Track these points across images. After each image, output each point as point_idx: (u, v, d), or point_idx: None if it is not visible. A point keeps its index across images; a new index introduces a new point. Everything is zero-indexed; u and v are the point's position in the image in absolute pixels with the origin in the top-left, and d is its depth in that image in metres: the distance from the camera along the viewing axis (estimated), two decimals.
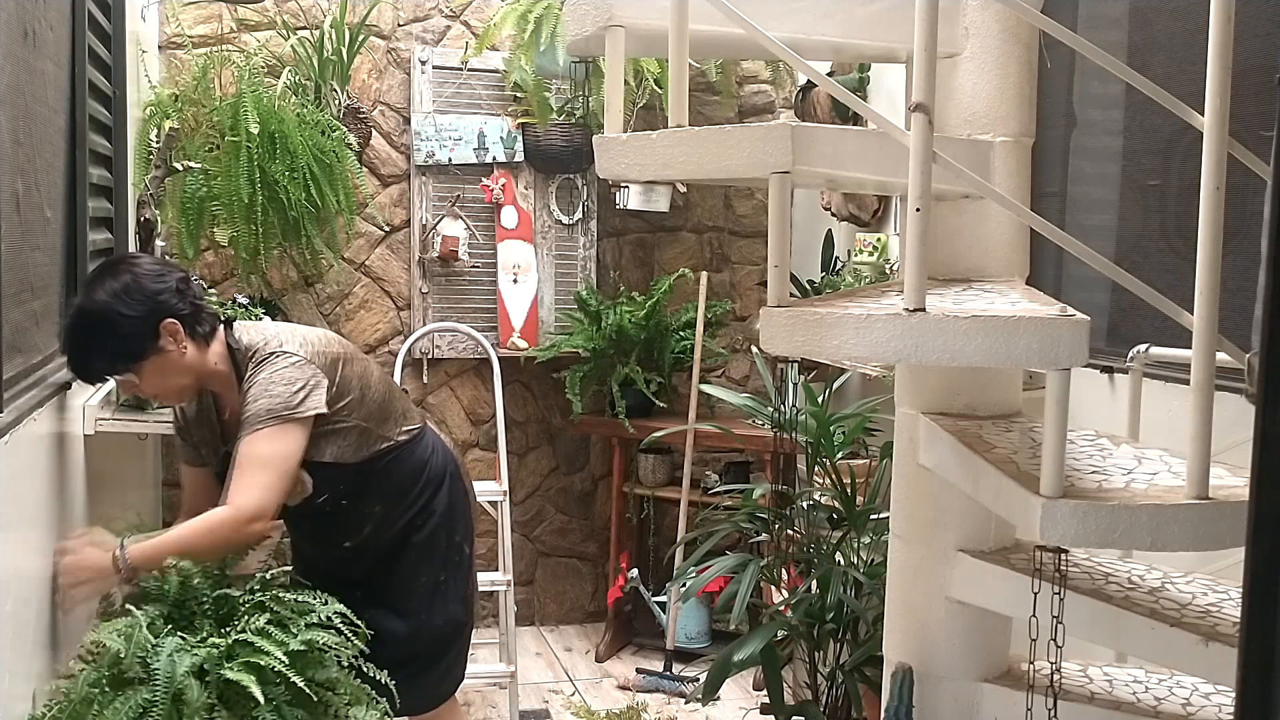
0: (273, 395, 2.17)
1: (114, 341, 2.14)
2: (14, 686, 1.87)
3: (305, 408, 2.19)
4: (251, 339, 2.27)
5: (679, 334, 4.32)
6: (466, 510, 2.59)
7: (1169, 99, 1.70)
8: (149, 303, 2.16)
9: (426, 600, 2.46)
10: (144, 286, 2.16)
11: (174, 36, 3.98)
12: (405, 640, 2.41)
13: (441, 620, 2.49)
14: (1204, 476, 1.59)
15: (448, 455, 2.57)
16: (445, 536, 2.51)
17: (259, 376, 2.20)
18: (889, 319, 1.63)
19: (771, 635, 2.61)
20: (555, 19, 3.96)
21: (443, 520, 2.50)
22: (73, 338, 2.16)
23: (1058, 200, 3.03)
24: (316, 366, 2.24)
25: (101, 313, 2.13)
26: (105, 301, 2.13)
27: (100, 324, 2.13)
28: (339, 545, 2.44)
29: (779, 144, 1.71)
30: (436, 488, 2.50)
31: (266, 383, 2.19)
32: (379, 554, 2.46)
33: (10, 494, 1.90)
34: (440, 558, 2.50)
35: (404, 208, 4.33)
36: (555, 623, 4.67)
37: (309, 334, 2.34)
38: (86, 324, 2.14)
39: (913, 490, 2.03)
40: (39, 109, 2.28)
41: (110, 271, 2.19)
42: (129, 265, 2.21)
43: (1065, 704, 1.81)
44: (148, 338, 2.16)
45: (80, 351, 2.17)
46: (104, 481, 2.75)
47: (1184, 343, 1.68)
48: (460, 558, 2.54)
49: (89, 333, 2.14)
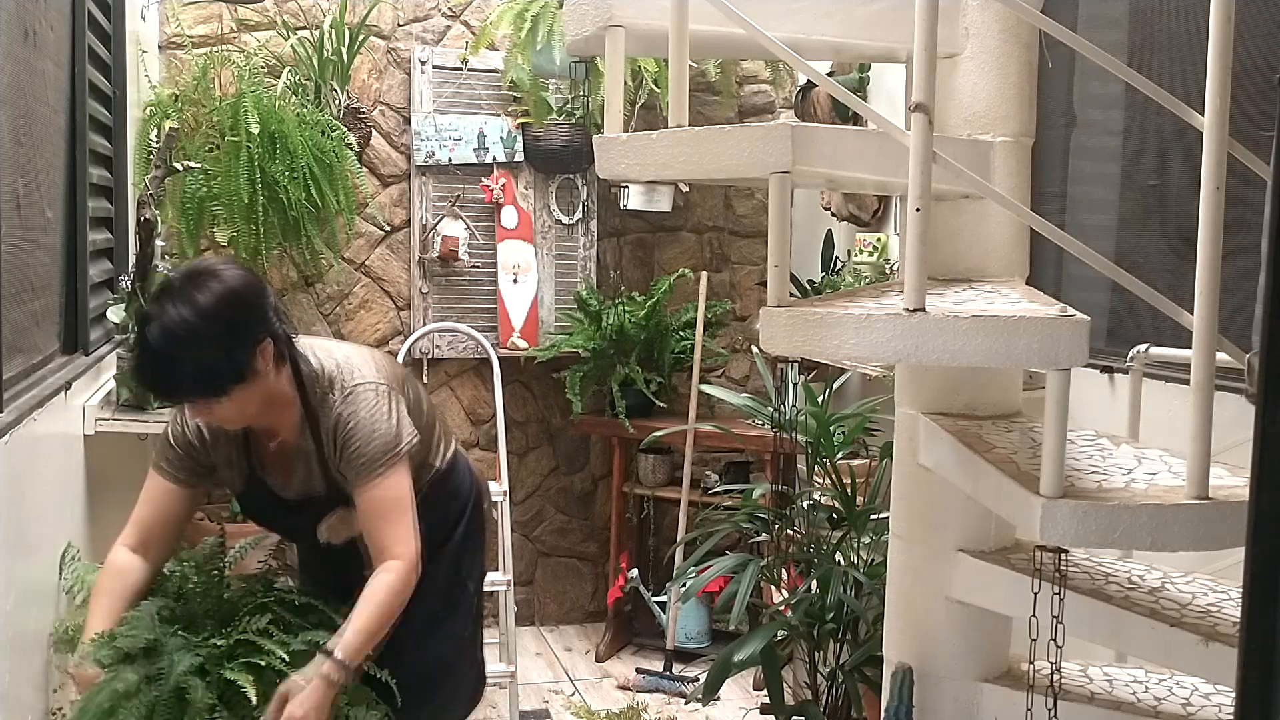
0: (382, 434, 2.04)
1: (215, 360, 1.92)
2: (13, 686, 1.87)
3: (406, 436, 2.09)
4: (322, 363, 2.09)
5: (679, 334, 4.32)
6: (479, 545, 2.43)
7: (1169, 99, 1.70)
8: (255, 318, 1.98)
9: (418, 633, 2.20)
10: (249, 298, 1.98)
11: (174, 36, 3.98)
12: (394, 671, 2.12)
13: (430, 657, 2.26)
14: (1204, 476, 1.59)
15: (474, 484, 2.42)
16: (451, 570, 2.34)
17: (358, 416, 2.04)
18: (889, 319, 1.63)
19: (771, 635, 2.61)
20: (552, 18, 3.96)
21: (453, 552, 2.34)
22: (164, 355, 1.90)
23: (1058, 200, 3.03)
24: (395, 390, 2.11)
25: (200, 327, 1.90)
26: (206, 313, 1.91)
27: (200, 341, 1.90)
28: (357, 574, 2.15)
29: (779, 144, 1.71)
30: (457, 521, 2.36)
31: (369, 423, 2.04)
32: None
33: (10, 494, 1.90)
34: (440, 591, 2.29)
35: (404, 208, 4.33)
36: (555, 623, 4.67)
37: (373, 355, 2.19)
38: (181, 341, 1.89)
39: (913, 490, 2.03)
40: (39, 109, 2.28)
41: (205, 277, 1.95)
42: (222, 273, 1.98)
43: (1065, 704, 1.81)
44: (249, 358, 1.96)
45: (170, 371, 1.92)
46: (104, 481, 2.76)
47: (1184, 343, 1.68)
48: (461, 594, 2.35)
49: (191, 345, 1.90)
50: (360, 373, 2.09)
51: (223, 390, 1.94)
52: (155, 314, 1.91)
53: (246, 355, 1.95)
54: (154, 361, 1.91)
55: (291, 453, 2.11)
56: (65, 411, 2.40)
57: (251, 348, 1.96)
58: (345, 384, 2.06)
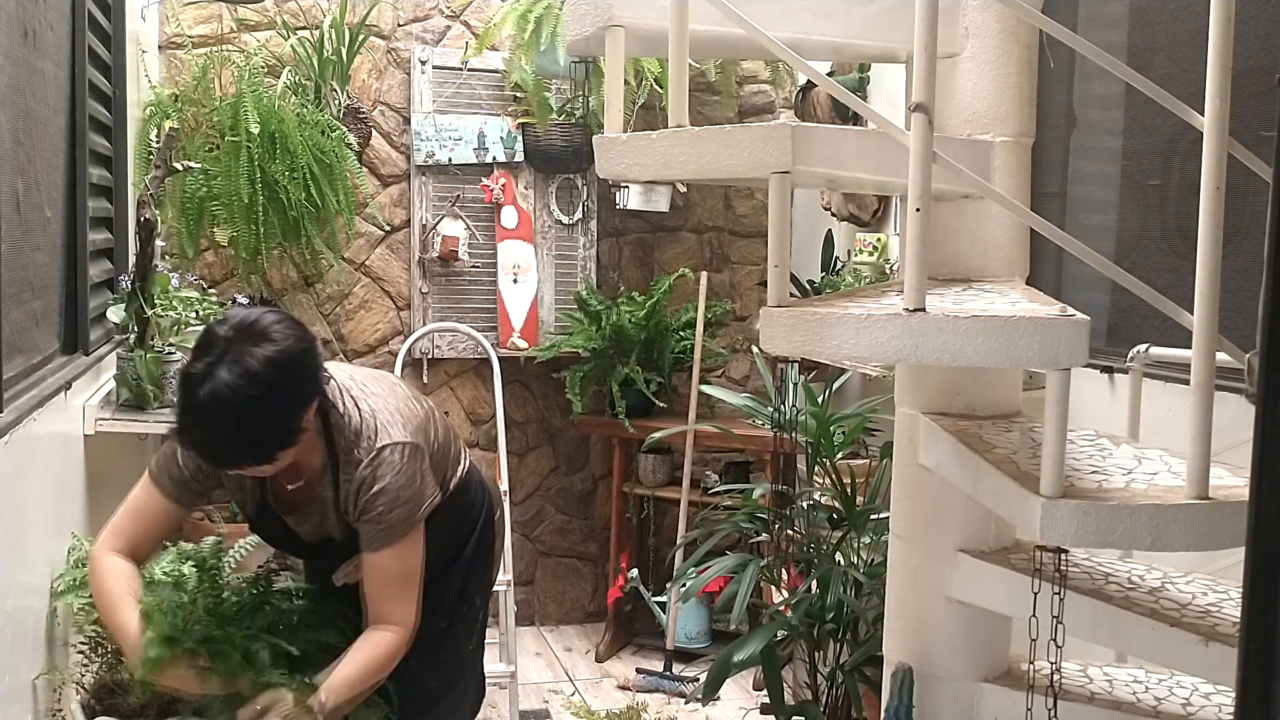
0: (404, 502, 1.98)
1: (271, 427, 1.85)
2: (14, 686, 1.87)
3: (427, 500, 2.04)
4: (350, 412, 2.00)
5: (679, 334, 4.32)
6: (489, 560, 2.39)
7: (1169, 99, 1.70)
8: (307, 382, 1.90)
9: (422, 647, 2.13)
10: (303, 364, 1.88)
11: (174, 36, 3.98)
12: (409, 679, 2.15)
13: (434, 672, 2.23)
14: (1204, 476, 1.59)
15: (486, 499, 2.38)
16: (459, 584, 2.30)
17: (383, 481, 1.96)
18: (889, 319, 1.63)
19: (771, 635, 2.61)
20: (555, 19, 3.96)
21: (463, 567, 2.31)
22: (222, 415, 1.79)
23: (1058, 200, 3.03)
24: (422, 444, 2.05)
25: (264, 392, 1.80)
26: (269, 379, 1.80)
27: (260, 405, 1.81)
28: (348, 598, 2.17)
29: (779, 144, 1.71)
30: (468, 537, 2.32)
31: (394, 490, 1.97)
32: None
33: (10, 494, 1.90)
34: (448, 606, 2.27)
35: (404, 208, 4.33)
36: (555, 623, 4.67)
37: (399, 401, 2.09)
38: (244, 403, 1.79)
39: (913, 490, 2.03)
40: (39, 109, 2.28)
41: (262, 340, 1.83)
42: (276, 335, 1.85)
43: (1065, 704, 1.81)
44: (300, 423, 1.88)
45: (224, 432, 1.82)
46: (104, 481, 2.76)
47: (1184, 343, 1.68)
48: (466, 610, 2.32)
49: (245, 412, 1.80)
50: (388, 431, 2.00)
51: (271, 458, 1.88)
52: (203, 375, 1.79)
53: (298, 421, 1.88)
54: (202, 426, 1.82)
55: (310, 497, 2.07)
56: (65, 411, 2.39)
57: (303, 411, 1.89)
58: (373, 443, 1.98)
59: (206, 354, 1.82)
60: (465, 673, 2.36)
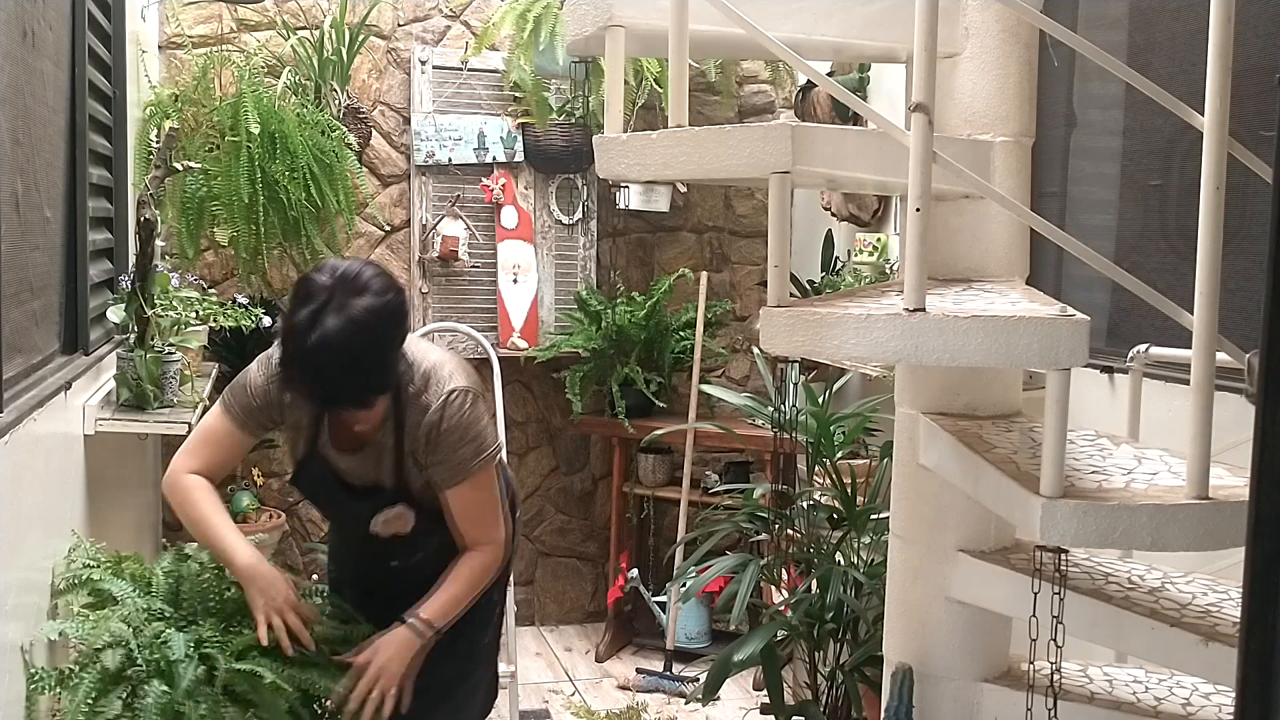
0: (473, 440, 2.11)
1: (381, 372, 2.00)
2: (13, 686, 1.87)
3: (492, 442, 2.17)
4: (415, 362, 2.12)
5: (679, 334, 4.32)
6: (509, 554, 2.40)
7: (1169, 99, 1.70)
8: (402, 329, 2.04)
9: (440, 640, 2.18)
10: (399, 311, 2.01)
11: (174, 36, 3.98)
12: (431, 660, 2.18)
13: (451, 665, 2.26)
14: (1204, 476, 1.59)
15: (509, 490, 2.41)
16: None
17: (453, 420, 2.09)
18: (889, 319, 1.63)
19: (771, 635, 2.61)
20: (554, 18, 3.96)
21: None
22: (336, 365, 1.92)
23: (1058, 200, 3.03)
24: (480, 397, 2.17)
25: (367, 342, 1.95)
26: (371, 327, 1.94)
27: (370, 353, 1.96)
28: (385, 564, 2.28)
29: (779, 144, 1.71)
30: None
31: (464, 428, 2.10)
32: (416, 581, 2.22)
33: (10, 494, 1.91)
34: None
35: (404, 208, 4.33)
36: (555, 623, 4.67)
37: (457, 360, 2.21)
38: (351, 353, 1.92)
39: (913, 490, 2.03)
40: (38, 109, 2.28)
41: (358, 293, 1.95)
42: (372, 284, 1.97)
43: (1065, 704, 1.81)
44: (396, 367, 2.05)
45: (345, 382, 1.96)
46: (104, 481, 2.76)
47: (1184, 343, 1.68)
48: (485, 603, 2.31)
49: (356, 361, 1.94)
50: (455, 378, 2.12)
51: (370, 402, 2.02)
52: (309, 322, 1.91)
53: (395, 367, 2.03)
54: (310, 371, 1.94)
55: (368, 442, 2.15)
56: (65, 411, 2.39)
57: (397, 358, 2.04)
58: (441, 388, 2.10)
59: (309, 302, 1.93)
60: (480, 665, 2.40)
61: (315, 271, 1.99)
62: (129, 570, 2.12)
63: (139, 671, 1.85)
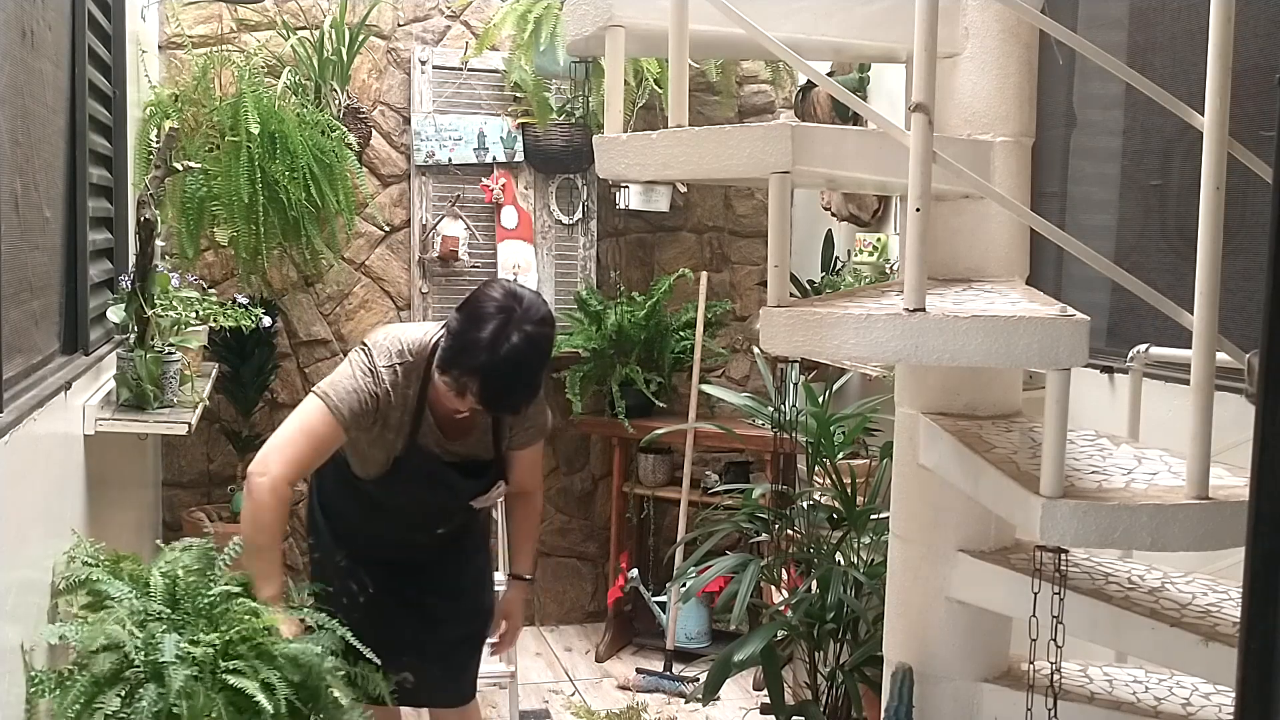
0: (548, 413, 2.53)
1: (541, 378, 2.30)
2: (13, 688, 1.87)
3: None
4: None
5: (679, 334, 4.32)
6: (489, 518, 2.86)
7: (1169, 99, 1.70)
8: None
9: (476, 585, 2.66)
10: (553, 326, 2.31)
11: (174, 36, 3.98)
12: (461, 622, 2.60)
13: (487, 604, 2.68)
14: (1204, 476, 1.59)
15: None
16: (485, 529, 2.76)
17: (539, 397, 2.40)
18: (889, 319, 1.63)
19: (771, 635, 2.61)
20: (555, 19, 3.96)
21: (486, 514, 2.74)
22: (543, 358, 2.24)
23: (1058, 200, 3.03)
24: None
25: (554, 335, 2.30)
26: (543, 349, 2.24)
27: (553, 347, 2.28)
28: (431, 532, 2.54)
29: (779, 144, 1.71)
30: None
31: (543, 401, 2.45)
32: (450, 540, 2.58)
33: (10, 494, 1.91)
34: (484, 548, 2.74)
35: (404, 208, 4.33)
36: (555, 623, 4.67)
37: None
38: (550, 345, 2.26)
39: (913, 490, 2.03)
40: (37, 109, 2.28)
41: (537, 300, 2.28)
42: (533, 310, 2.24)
43: (1065, 704, 1.81)
44: None
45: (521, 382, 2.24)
46: (104, 481, 2.76)
47: (1184, 343, 1.68)
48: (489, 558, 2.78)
49: (548, 354, 2.26)
50: None
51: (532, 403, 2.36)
52: (504, 336, 2.17)
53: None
54: (508, 375, 2.19)
55: (470, 423, 2.38)
56: (65, 411, 2.39)
57: None
58: None
59: (493, 320, 2.20)
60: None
61: (490, 290, 2.29)
62: (127, 571, 2.11)
63: (136, 673, 1.84)
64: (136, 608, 1.96)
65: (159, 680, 1.82)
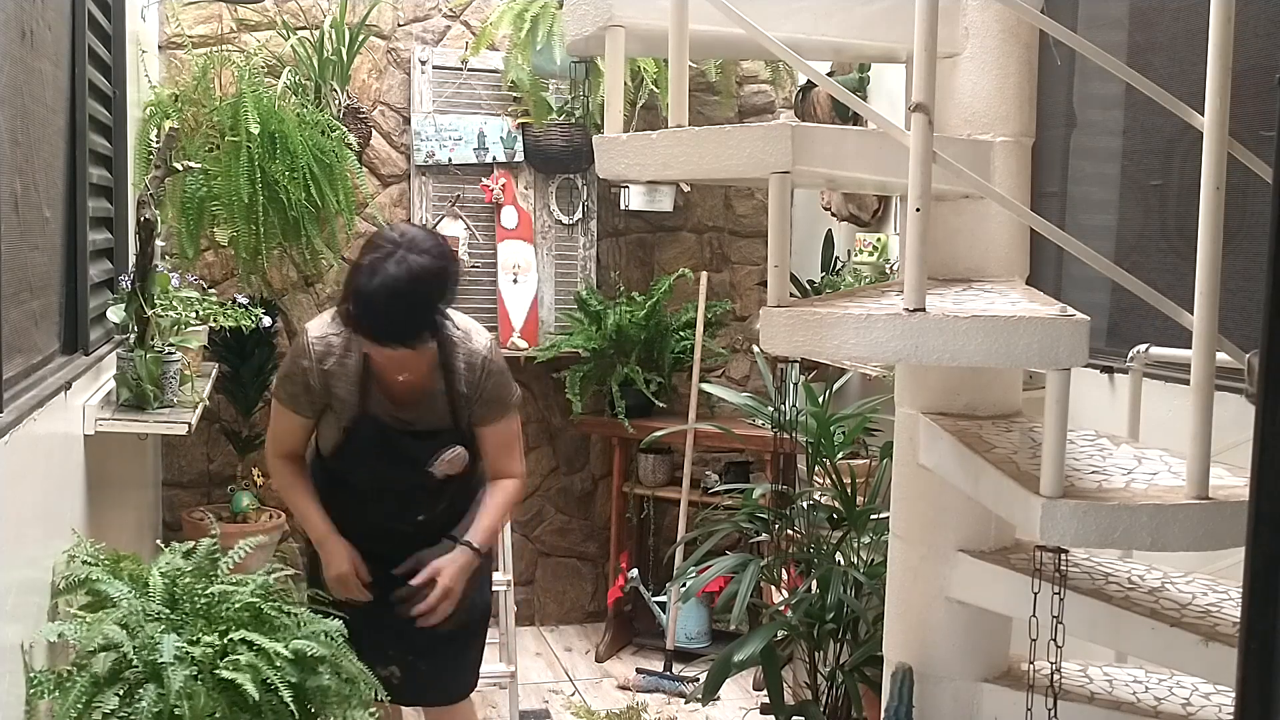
0: (509, 383, 2.51)
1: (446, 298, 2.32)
2: (13, 688, 1.87)
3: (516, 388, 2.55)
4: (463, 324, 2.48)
5: (679, 334, 4.32)
6: None
7: (1169, 99, 1.70)
8: (452, 284, 2.35)
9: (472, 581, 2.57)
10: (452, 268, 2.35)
11: (174, 36, 3.98)
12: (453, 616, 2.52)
13: (480, 603, 2.65)
14: (1204, 476, 1.59)
15: None
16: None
17: (499, 366, 2.48)
18: (889, 319, 1.63)
19: (771, 635, 2.61)
20: (552, 18, 3.96)
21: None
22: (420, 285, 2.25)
23: (1058, 200, 3.03)
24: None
25: (444, 267, 2.29)
26: (446, 255, 2.30)
27: (442, 279, 2.29)
28: (412, 519, 2.55)
29: (779, 144, 1.71)
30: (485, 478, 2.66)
31: (505, 371, 2.50)
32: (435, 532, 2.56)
33: (10, 494, 1.90)
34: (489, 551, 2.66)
35: (404, 208, 4.33)
36: (555, 623, 4.67)
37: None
38: (434, 275, 2.26)
39: (913, 490, 2.03)
40: (37, 109, 2.28)
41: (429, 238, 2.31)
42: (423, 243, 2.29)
43: (1065, 704, 1.81)
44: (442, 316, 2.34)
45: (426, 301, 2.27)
46: (104, 481, 2.76)
47: (1184, 343, 1.68)
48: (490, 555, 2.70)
49: (433, 285, 2.27)
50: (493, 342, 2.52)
51: (427, 339, 2.31)
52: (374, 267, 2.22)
53: (443, 314, 2.34)
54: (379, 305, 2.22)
55: (419, 390, 2.42)
56: (65, 411, 2.39)
57: (444, 308, 2.34)
58: (483, 336, 2.49)
59: (376, 252, 2.26)
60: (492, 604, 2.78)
61: (383, 228, 2.39)
62: (126, 571, 2.11)
63: (135, 674, 1.84)
64: (135, 607, 1.96)
65: (158, 680, 1.81)
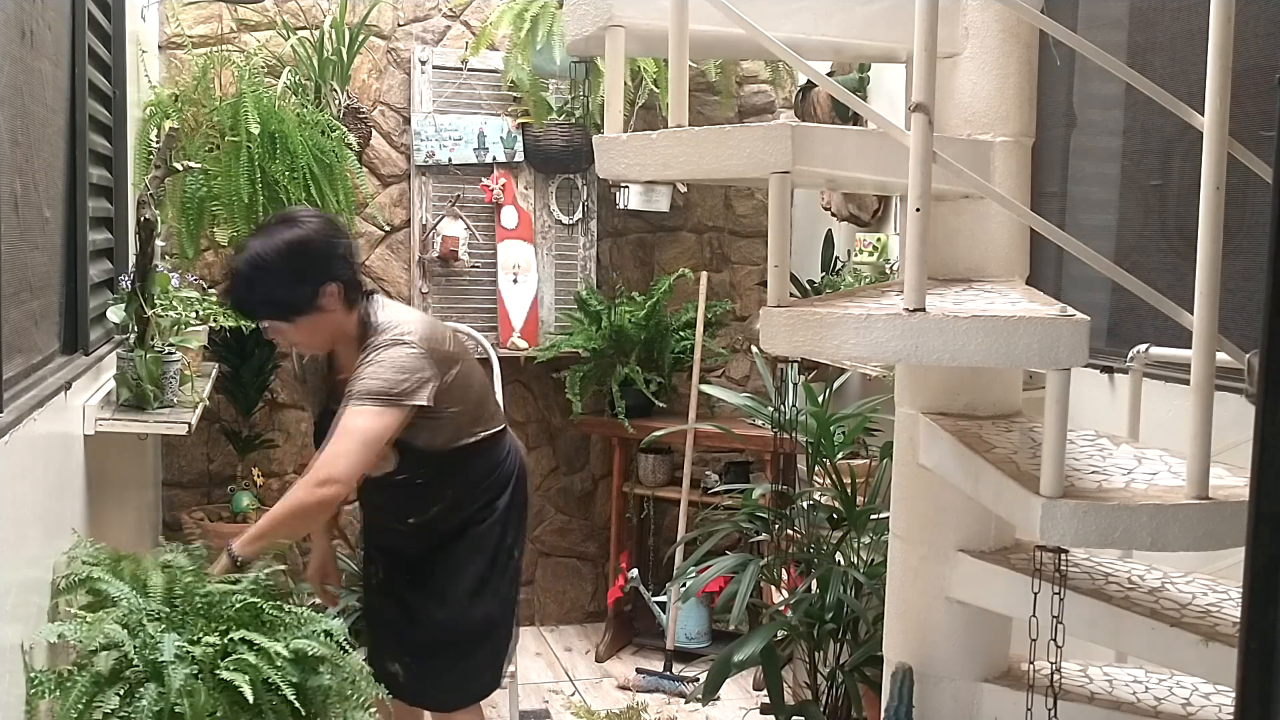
0: (384, 379, 2.29)
1: (282, 293, 2.30)
2: (13, 688, 1.87)
3: (410, 398, 2.31)
4: (386, 318, 2.41)
5: (679, 334, 4.32)
6: (523, 517, 2.71)
7: (1169, 99, 1.70)
8: (320, 264, 2.32)
9: (469, 592, 2.57)
10: (317, 248, 2.33)
11: (174, 36, 3.98)
12: (441, 626, 2.56)
13: (478, 615, 2.59)
14: (1204, 476, 1.59)
15: (519, 461, 2.71)
16: (499, 535, 2.62)
17: (380, 356, 2.32)
18: (889, 319, 1.63)
19: (771, 635, 2.61)
20: (552, 18, 3.96)
21: (500, 519, 2.62)
22: (243, 280, 2.30)
23: (1058, 200, 3.03)
24: (433, 362, 2.36)
25: (273, 264, 2.28)
26: (279, 253, 2.28)
27: (271, 275, 2.28)
28: (403, 520, 2.57)
29: (779, 144, 1.71)
30: (503, 488, 2.63)
31: (383, 365, 2.31)
32: (437, 537, 2.58)
33: (10, 494, 1.90)
34: (490, 554, 2.60)
35: (404, 208, 4.33)
36: (555, 623, 4.67)
37: (436, 329, 2.48)
38: (257, 272, 2.28)
39: (913, 490, 2.03)
40: (37, 109, 2.28)
41: (287, 224, 2.34)
42: (303, 223, 2.34)
43: (1065, 704, 1.81)
44: (311, 296, 2.31)
45: (247, 294, 2.32)
46: (104, 481, 2.76)
47: (1184, 343, 1.68)
48: (508, 561, 2.65)
49: (258, 280, 2.29)
50: (408, 332, 2.36)
51: (286, 317, 2.32)
52: (245, 245, 2.33)
53: (310, 292, 2.31)
54: (235, 283, 2.31)
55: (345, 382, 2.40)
56: (65, 411, 2.39)
57: (314, 286, 2.31)
58: (388, 335, 2.36)
59: (254, 232, 2.39)
60: (506, 620, 2.68)
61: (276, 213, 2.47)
62: (126, 570, 2.11)
63: (136, 673, 1.84)
64: (136, 606, 1.96)
65: (159, 679, 1.82)
